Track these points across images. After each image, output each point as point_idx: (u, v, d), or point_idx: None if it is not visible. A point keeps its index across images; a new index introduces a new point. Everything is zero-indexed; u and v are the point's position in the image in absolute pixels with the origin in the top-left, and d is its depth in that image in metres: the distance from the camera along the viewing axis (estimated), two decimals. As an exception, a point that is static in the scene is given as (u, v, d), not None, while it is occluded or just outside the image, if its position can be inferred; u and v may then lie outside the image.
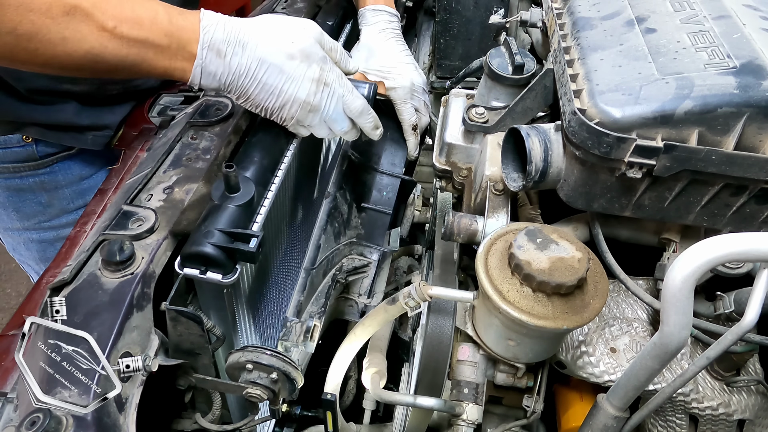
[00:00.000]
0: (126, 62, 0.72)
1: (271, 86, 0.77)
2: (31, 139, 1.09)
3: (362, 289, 1.04)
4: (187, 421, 0.77)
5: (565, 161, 0.69)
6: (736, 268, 0.68)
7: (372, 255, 1.06)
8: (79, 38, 0.68)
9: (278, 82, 0.77)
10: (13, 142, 1.09)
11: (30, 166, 1.12)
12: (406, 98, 1.14)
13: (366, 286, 1.04)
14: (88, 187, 1.19)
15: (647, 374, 0.55)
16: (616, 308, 0.78)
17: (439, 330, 0.73)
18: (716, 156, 0.59)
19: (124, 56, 0.72)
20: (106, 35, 0.69)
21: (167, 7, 0.74)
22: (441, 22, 1.49)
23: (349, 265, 1.03)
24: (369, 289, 1.03)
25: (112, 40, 0.70)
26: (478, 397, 0.71)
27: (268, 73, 0.76)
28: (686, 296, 0.47)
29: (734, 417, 0.72)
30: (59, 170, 1.16)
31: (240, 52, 0.75)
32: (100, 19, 0.68)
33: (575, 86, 0.66)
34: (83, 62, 0.71)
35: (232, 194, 0.70)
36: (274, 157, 0.84)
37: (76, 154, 1.15)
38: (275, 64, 0.76)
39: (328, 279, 0.99)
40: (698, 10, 0.71)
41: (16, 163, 1.11)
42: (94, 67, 0.72)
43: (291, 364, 0.70)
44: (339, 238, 1.05)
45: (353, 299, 1.03)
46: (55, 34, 0.67)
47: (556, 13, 0.83)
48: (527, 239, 0.62)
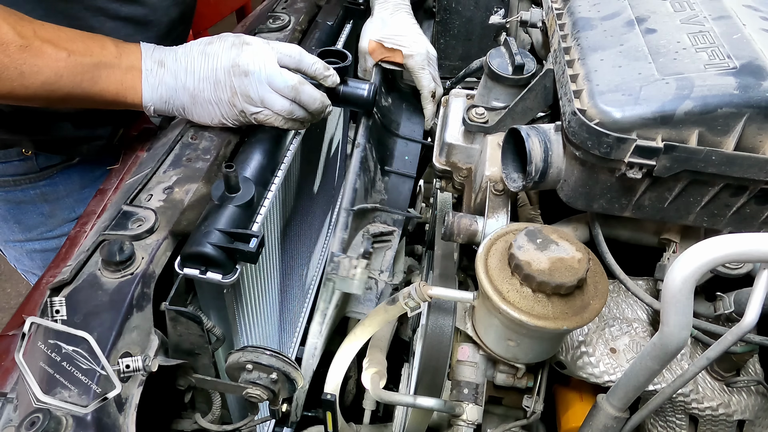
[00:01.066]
0: (80, 89, 0.76)
1: (194, 64, 0.79)
2: (31, 152, 1.10)
3: (384, 264, 1.02)
4: (187, 421, 0.77)
5: (565, 162, 0.69)
6: (735, 269, 0.68)
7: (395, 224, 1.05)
8: (36, 71, 0.72)
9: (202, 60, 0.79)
10: (13, 156, 1.09)
11: (31, 178, 1.12)
12: (423, 65, 1.16)
13: (389, 260, 1.02)
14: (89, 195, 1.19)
15: (647, 375, 0.55)
16: (616, 308, 0.78)
17: (439, 330, 0.73)
18: (716, 156, 0.59)
19: (78, 83, 0.75)
20: (61, 65, 0.73)
21: (113, 39, 0.80)
22: (441, 22, 1.49)
23: (375, 230, 1.02)
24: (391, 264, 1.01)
25: (66, 69, 0.74)
26: (477, 397, 0.71)
27: (195, 56, 0.80)
28: (686, 297, 0.47)
29: (734, 417, 0.72)
30: (60, 181, 1.16)
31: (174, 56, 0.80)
32: (53, 51, 0.73)
33: (575, 87, 0.66)
34: (39, 93, 0.74)
35: (232, 194, 0.70)
36: (275, 157, 0.84)
37: (77, 164, 1.16)
38: (198, 49, 0.80)
39: (359, 237, 0.98)
40: (698, 11, 0.71)
41: (16, 176, 1.11)
42: (49, 97, 0.76)
43: (291, 364, 0.70)
44: (367, 196, 1.04)
45: (373, 277, 1.01)
46: (12, 70, 0.71)
47: (556, 13, 0.83)
48: (527, 240, 0.62)
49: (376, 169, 1.08)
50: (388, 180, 1.11)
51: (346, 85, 0.96)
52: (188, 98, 0.80)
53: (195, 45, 0.81)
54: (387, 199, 1.09)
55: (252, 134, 0.86)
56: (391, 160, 1.15)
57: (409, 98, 1.24)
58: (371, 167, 1.06)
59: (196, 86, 0.79)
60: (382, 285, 1.01)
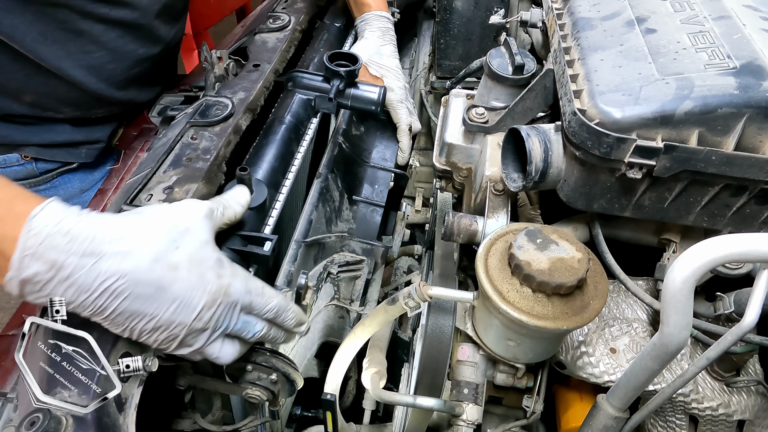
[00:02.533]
0: None
1: (140, 312, 0.55)
2: (30, 157, 1.10)
3: (354, 293, 1.00)
4: (186, 422, 0.77)
5: (565, 162, 0.69)
6: (735, 269, 0.68)
7: (365, 253, 1.04)
8: None
9: (153, 307, 0.55)
10: (13, 161, 1.10)
11: (30, 183, 1.13)
12: (402, 99, 1.17)
13: (359, 289, 1.00)
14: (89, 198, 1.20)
15: (647, 375, 0.55)
16: (616, 309, 0.78)
17: (439, 330, 0.73)
18: (716, 156, 0.59)
19: None
20: None
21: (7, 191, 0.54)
22: (441, 22, 1.49)
23: (341, 259, 1.00)
24: (361, 293, 1.00)
25: None
26: (477, 397, 0.71)
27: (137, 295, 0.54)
28: (686, 297, 0.47)
29: (734, 417, 0.72)
30: (60, 185, 1.17)
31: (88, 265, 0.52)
32: None
33: (575, 87, 0.66)
34: None
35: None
36: (285, 159, 0.84)
37: (76, 168, 1.17)
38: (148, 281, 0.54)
39: (319, 267, 0.95)
40: (698, 11, 0.71)
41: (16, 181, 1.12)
42: None
43: (291, 365, 0.70)
44: (330, 226, 1.02)
45: (344, 306, 0.99)
46: None
47: (556, 13, 0.83)
48: (527, 240, 0.61)
49: (342, 198, 1.07)
50: (356, 209, 1.10)
51: (357, 88, 0.97)
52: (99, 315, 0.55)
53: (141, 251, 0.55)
54: (355, 228, 1.07)
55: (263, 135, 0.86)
56: (359, 188, 1.13)
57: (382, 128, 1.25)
58: (335, 197, 1.04)
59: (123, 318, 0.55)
60: (354, 315, 1.00)
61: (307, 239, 0.91)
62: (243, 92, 0.95)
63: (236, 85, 0.97)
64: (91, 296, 0.52)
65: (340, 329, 0.99)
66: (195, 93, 1.12)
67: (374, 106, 0.99)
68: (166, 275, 0.55)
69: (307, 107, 1.00)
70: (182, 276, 0.56)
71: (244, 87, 0.97)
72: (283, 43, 1.13)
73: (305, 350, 0.92)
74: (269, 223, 0.73)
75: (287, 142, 0.87)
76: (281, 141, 0.85)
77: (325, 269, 0.96)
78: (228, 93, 0.94)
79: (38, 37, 0.93)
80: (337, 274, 0.99)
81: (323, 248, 0.98)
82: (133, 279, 0.53)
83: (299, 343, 0.90)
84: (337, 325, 0.99)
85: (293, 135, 0.87)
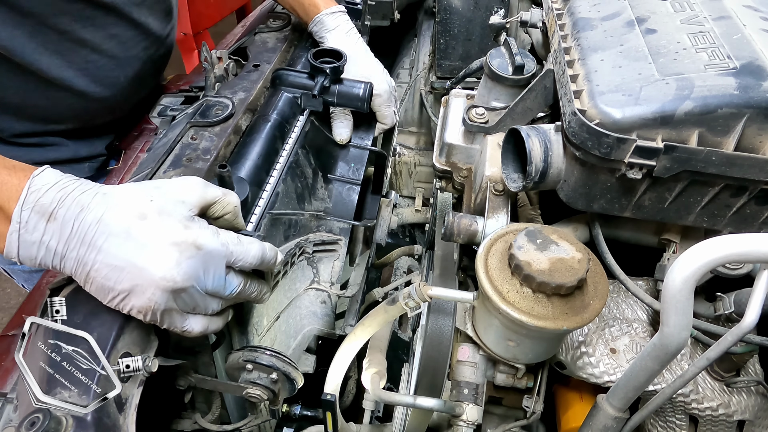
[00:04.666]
0: None
1: (114, 257, 0.56)
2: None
3: (333, 275, 0.96)
4: (186, 421, 0.77)
5: (565, 162, 0.69)
6: (736, 269, 0.68)
7: (342, 232, 1.00)
8: None
9: (123, 251, 0.56)
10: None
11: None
12: (389, 103, 1.14)
13: (337, 270, 0.96)
14: None
15: (647, 375, 0.55)
16: (616, 309, 0.78)
17: (439, 330, 0.73)
18: (716, 157, 0.59)
19: None
20: None
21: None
22: (441, 22, 1.49)
23: (316, 238, 0.96)
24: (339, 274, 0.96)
25: None
26: (477, 397, 0.71)
27: (110, 238, 0.56)
28: (686, 297, 0.47)
29: (734, 418, 0.72)
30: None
31: (75, 213, 0.56)
32: None
33: (575, 87, 0.66)
34: None
35: None
36: (270, 157, 0.83)
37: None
38: (119, 226, 0.56)
39: (291, 244, 0.90)
40: (698, 11, 0.71)
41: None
42: None
43: (291, 364, 0.70)
44: (303, 203, 0.98)
45: (325, 290, 0.95)
46: None
47: (556, 13, 0.83)
48: (527, 240, 0.61)
49: (315, 176, 1.03)
50: (331, 187, 1.06)
51: (342, 84, 0.96)
52: (82, 272, 0.57)
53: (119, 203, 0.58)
54: (332, 207, 1.04)
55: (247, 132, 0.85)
56: (334, 167, 1.09)
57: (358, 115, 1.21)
58: (308, 173, 1.00)
59: (98, 270, 0.57)
60: (335, 299, 0.96)
61: (273, 211, 0.85)
62: (243, 92, 0.96)
63: (236, 86, 0.97)
64: (75, 246, 0.56)
65: (324, 315, 0.95)
66: (195, 93, 1.12)
67: (360, 102, 0.99)
68: (134, 223, 0.57)
69: (293, 105, 0.99)
70: (147, 224, 0.57)
71: (244, 87, 0.97)
72: (283, 43, 1.13)
73: (287, 338, 0.90)
74: (251, 221, 0.72)
75: (272, 140, 0.86)
76: (265, 139, 0.85)
77: (299, 246, 0.92)
78: (228, 93, 0.94)
79: (38, 48, 0.92)
80: (312, 253, 0.96)
81: (296, 226, 0.94)
82: (107, 228, 0.56)
83: (280, 330, 0.88)
84: (321, 311, 0.95)
85: (278, 133, 0.86)
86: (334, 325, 0.96)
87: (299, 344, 0.91)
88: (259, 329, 0.83)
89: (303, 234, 0.95)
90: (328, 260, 0.98)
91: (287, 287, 0.90)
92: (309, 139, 1.03)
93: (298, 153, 0.98)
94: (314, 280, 0.96)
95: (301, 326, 0.92)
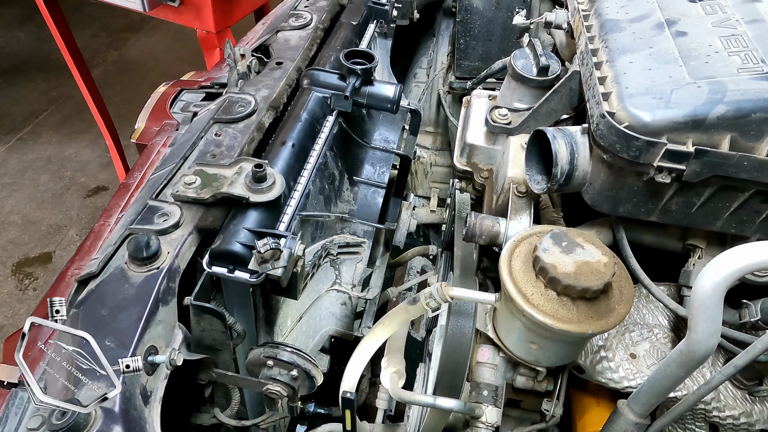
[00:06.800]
0: None
1: None
2: None
3: (355, 278, 0.96)
4: (205, 416, 0.77)
5: (591, 164, 0.68)
6: (764, 276, 0.67)
7: (366, 235, 1.00)
8: None
9: None
10: None
11: None
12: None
13: (360, 273, 0.96)
14: None
15: (671, 381, 0.54)
16: (637, 314, 0.77)
17: (460, 331, 0.72)
18: (748, 162, 0.58)
19: None
20: None
21: None
22: (462, 22, 1.49)
23: (341, 240, 0.96)
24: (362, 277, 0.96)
25: None
26: (497, 399, 0.71)
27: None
28: (716, 304, 0.47)
29: (756, 427, 0.71)
30: None
31: None
32: None
33: (604, 89, 0.66)
34: None
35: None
36: (301, 156, 0.84)
37: None
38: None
39: (317, 245, 0.91)
40: (731, 14, 0.70)
41: None
42: None
43: (311, 361, 0.70)
44: (329, 206, 0.99)
45: (346, 291, 0.95)
46: None
47: (583, 14, 0.82)
48: (552, 242, 0.61)
49: (342, 178, 1.03)
50: (357, 190, 1.06)
51: (372, 86, 0.96)
52: None
53: None
54: (356, 209, 1.03)
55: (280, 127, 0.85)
56: (360, 169, 1.09)
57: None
58: (335, 176, 1.00)
59: None
60: (355, 301, 0.96)
61: (303, 213, 0.86)
62: (266, 90, 0.96)
63: (259, 83, 0.97)
64: None
65: (344, 317, 0.95)
66: (216, 90, 1.13)
67: (390, 104, 0.98)
68: None
69: (323, 105, 0.99)
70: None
71: (267, 84, 0.97)
72: (306, 41, 1.13)
73: (307, 338, 0.90)
74: (283, 220, 0.72)
75: (302, 140, 0.87)
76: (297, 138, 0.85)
77: (324, 248, 0.93)
78: (251, 90, 0.95)
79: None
80: (336, 255, 0.96)
81: (322, 228, 0.94)
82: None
83: (301, 330, 0.88)
84: (340, 312, 0.95)
85: (309, 133, 0.87)
86: (352, 326, 0.96)
87: (316, 344, 0.91)
88: (283, 329, 0.83)
89: (328, 235, 0.95)
90: (351, 262, 0.98)
91: (311, 288, 0.90)
92: (337, 141, 1.03)
93: (326, 154, 0.98)
94: (336, 281, 0.96)
95: (319, 326, 0.92)
